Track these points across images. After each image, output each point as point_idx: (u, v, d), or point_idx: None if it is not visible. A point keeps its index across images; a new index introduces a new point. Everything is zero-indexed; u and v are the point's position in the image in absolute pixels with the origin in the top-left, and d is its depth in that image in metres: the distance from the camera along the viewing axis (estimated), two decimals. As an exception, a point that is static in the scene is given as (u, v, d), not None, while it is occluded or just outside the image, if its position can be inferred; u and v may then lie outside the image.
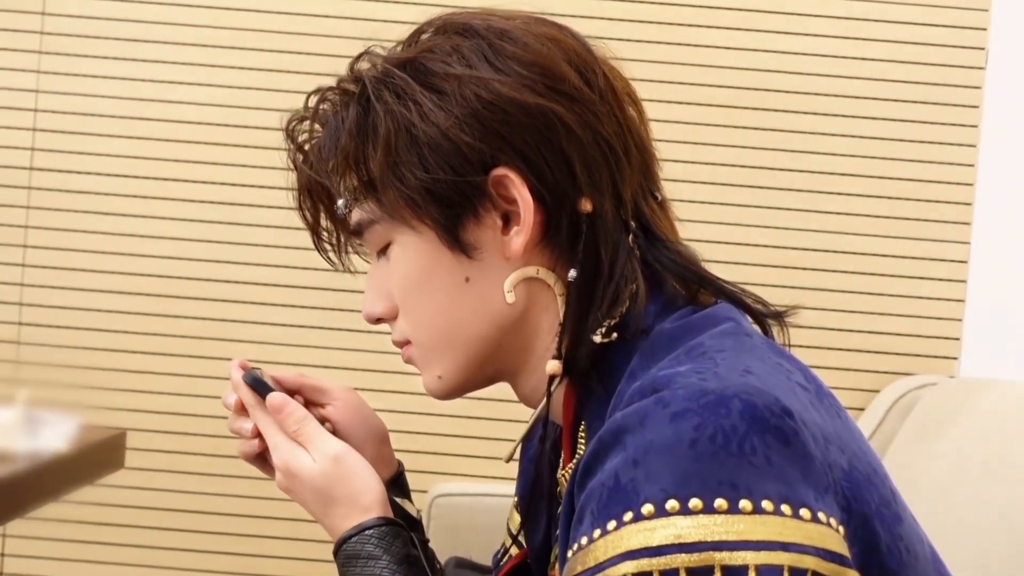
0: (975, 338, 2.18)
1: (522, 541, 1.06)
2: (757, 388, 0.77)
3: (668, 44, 2.20)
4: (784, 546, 0.73)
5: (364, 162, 0.91)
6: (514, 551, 1.07)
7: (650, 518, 0.73)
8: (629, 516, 0.74)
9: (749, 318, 0.92)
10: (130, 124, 2.20)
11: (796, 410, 0.77)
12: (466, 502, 2.06)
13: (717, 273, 0.93)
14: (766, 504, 0.73)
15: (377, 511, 0.98)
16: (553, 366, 0.90)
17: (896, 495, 0.85)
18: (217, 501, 2.20)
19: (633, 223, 0.90)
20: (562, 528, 0.87)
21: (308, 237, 1.00)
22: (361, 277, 1.01)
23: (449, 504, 2.05)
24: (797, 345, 0.93)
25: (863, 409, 2.08)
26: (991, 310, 2.18)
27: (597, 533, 0.75)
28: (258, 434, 1.03)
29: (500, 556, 1.10)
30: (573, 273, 0.89)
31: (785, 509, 0.73)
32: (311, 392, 1.08)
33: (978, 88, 2.20)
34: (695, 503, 0.73)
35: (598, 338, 0.88)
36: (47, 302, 2.20)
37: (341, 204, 0.94)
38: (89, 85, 2.21)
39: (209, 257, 2.20)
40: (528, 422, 0.97)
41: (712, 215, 2.19)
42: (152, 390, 2.19)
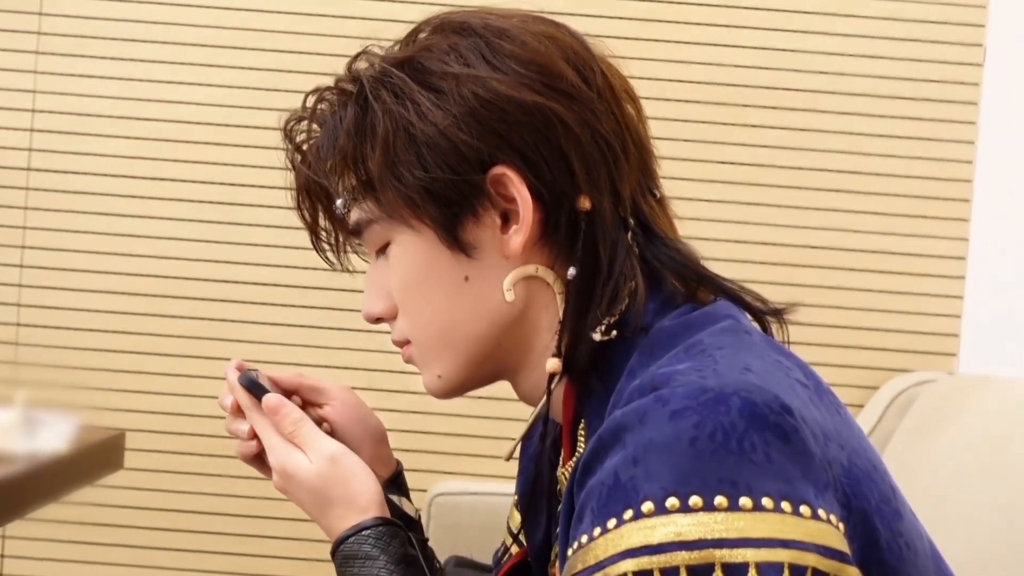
0: (974, 335, 2.18)
1: (522, 540, 1.06)
2: (756, 385, 0.77)
3: (666, 42, 2.20)
4: (784, 543, 0.73)
5: (362, 162, 0.90)
6: (514, 550, 1.07)
7: (650, 516, 0.73)
8: (629, 514, 0.74)
9: (748, 315, 0.92)
10: (128, 124, 2.20)
11: (795, 407, 0.77)
12: (466, 501, 2.06)
13: (716, 271, 0.93)
14: (766, 501, 0.73)
15: (374, 511, 0.97)
16: (553, 364, 0.90)
17: (896, 491, 0.85)
18: (216, 501, 2.19)
19: (632, 221, 0.90)
20: (562, 526, 0.87)
21: (306, 237, 1.00)
22: (359, 277, 1.01)
23: (449, 503, 2.05)
24: (796, 342, 0.93)
25: (862, 406, 2.08)
26: (990, 307, 2.18)
27: (597, 531, 0.75)
28: (255, 435, 1.03)
29: (500, 555, 1.10)
30: (572, 271, 0.89)
31: (785, 506, 0.73)
32: (308, 392, 1.08)
33: (976, 85, 2.20)
34: (695, 501, 0.73)
35: (597, 336, 0.87)
36: (45, 303, 2.20)
37: (339, 204, 0.94)
38: (86, 85, 2.20)
39: (207, 257, 2.20)
40: (528, 420, 0.97)
41: (711, 213, 2.19)
42: (151, 390, 2.19)
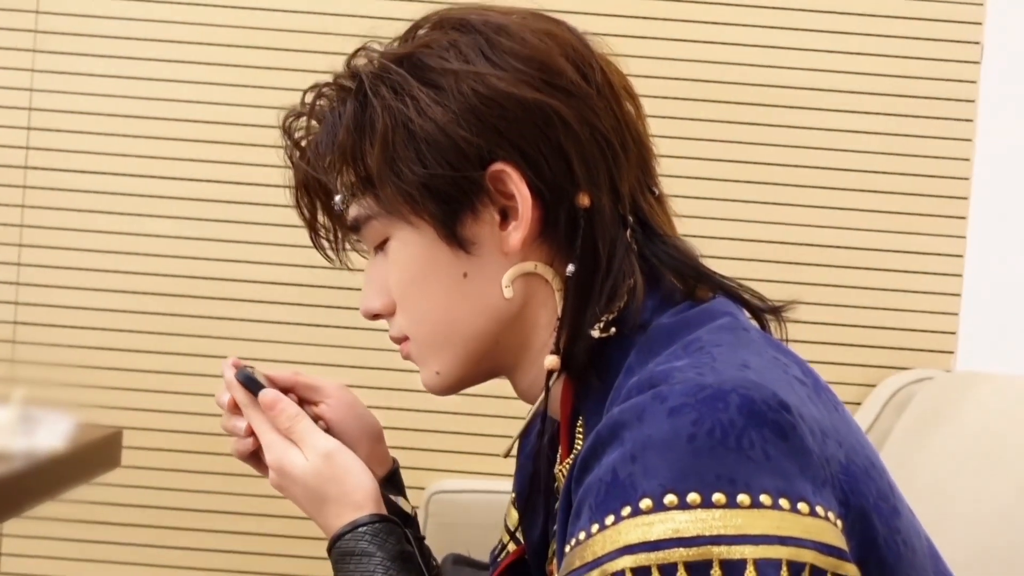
0: (971, 332, 2.18)
1: (520, 537, 1.06)
2: (754, 382, 0.77)
3: (666, 40, 2.19)
4: (782, 540, 0.73)
5: (361, 158, 0.90)
6: (512, 547, 1.07)
7: (648, 513, 0.73)
8: (627, 511, 0.74)
9: (746, 313, 0.92)
10: (125, 123, 2.20)
11: (793, 404, 0.77)
12: (464, 499, 2.06)
13: (715, 268, 0.93)
14: (764, 498, 0.73)
15: (370, 508, 0.97)
16: (551, 361, 0.90)
17: (894, 488, 0.85)
18: (214, 499, 2.19)
19: (631, 218, 0.90)
20: (560, 523, 0.87)
21: (304, 235, 1.00)
22: (357, 274, 1.01)
23: (447, 501, 2.05)
24: (794, 340, 0.93)
25: (860, 403, 2.08)
26: (987, 304, 2.18)
27: (595, 528, 0.75)
28: (251, 432, 1.03)
29: (498, 552, 1.10)
30: (571, 268, 0.89)
31: (783, 503, 0.73)
32: (304, 390, 1.08)
33: (973, 82, 2.20)
34: (693, 497, 0.73)
35: (596, 333, 0.87)
36: (43, 301, 2.20)
37: (338, 200, 0.94)
38: (84, 84, 2.20)
39: (205, 255, 2.20)
40: (526, 418, 0.97)
41: (709, 211, 2.19)
42: (148, 389, 2.19)
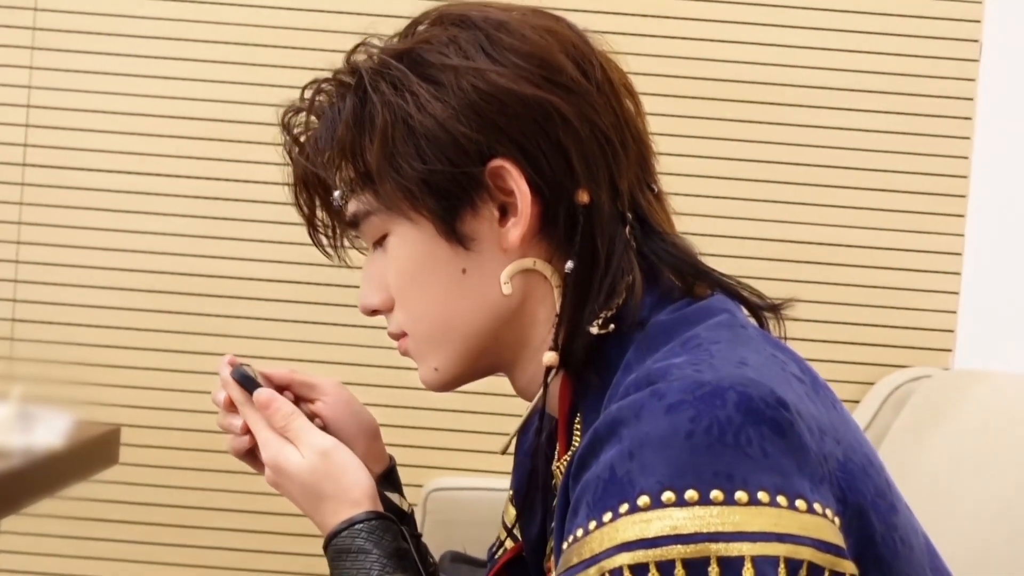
0: (970, 330, 2.18)
1: (517, 534, 1.06)
2: (752, 379, 0.77)
3: (665, 37, 2.19)
4: (780, 537, 0.73)
5: (361, 153, 0.90)
6: (509, 544, 1.07)
7: (646, 510, 0.73)
8: (625, 508, 0.74)
9: (745, 310, 0.92)
10: (123, 120, 2.20)
11: (791, 401, 0.77)
12: (461, 496, 2.06)
13: (713, 266, 0.93)
14: (762, 495, 0.73)
15: (366, 505, 0.97)
16: (549, 357, 0.90)
17: (891, 486, 0.85)
18: (211, 496, 2.19)
19: (630, 215, 0.90)
20: (557, 520, 0.87)
21: (302, 232, 1.00)
22: (354, 271, 1.01)
23: (444, 498, 2.05)
24: (792, 338, 0.93)
25: (858, 401, 2.08)
26: (985, 302, 2.18)
27: (593, 525, 0.75)
28: (248, 430, 1.03)
29: (495, 549, 1.10)
30: (570, 265, 0.89)
31: (781, 500, 0.73)
32: (301, 388, 1.08)
33: (972, 80, 2.20)
34: (691, 494, 0.73)
35: (594, 330, 0.87)
36: (41, 298, 2.20)
37: (337, 195, 0.93)
38: (82, 82, 2.20)
39: (203, 253, 2.20)
40: (524, 415, 0.97)
41: (708, 208, 2.19)
42: (146, 386, 2.19)
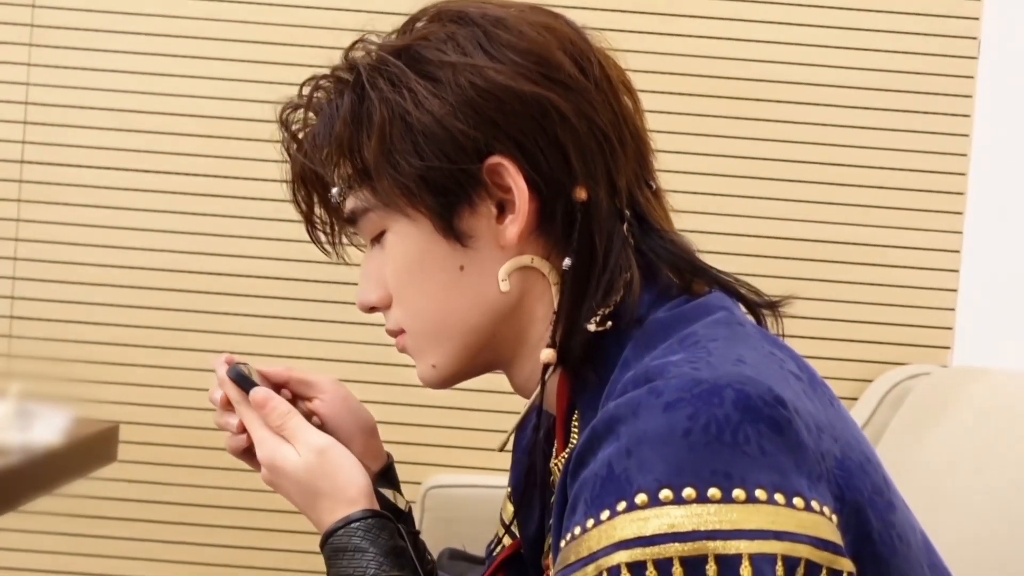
0: (968, 327, 2.18)
1: (515, 531, 1.06)
2: (750, 377, 0.77)
3: (664, 35, 2.19)
4: (777, 535, 0.73)
5: (358, 150, 0.90)
6: (507, 541, 1.07)
7: (644, 507, 0.73)
8: (622, 506, 0.74)
9: (743, 307, 0.92)
10: (121, 116, 2.20)
11: (789, 399, 0.77)
12: (460, 493, 2.06)
13: (711, 263, 0.93)
14: (759, 493, 0.73)
15: (363, 503, 0.97)
16: (547, 355, 0.89)
17: (889, 483, 0.85)
18: (209, 494, 2.19)
19: (628, 212, 0.90)
20: (555, 518, 0.87)
21: (299, 229, 1.00)
22: (352, 269, 1.01)
23: (443, 495, 2.05)
24: (790, 335, 0.93)
25: (856, 399, 2.08)
26: (984, 299, 2.18)
27: (590, 523, 0.75)
28: (244, 429, 1.03)
29: (493, 546, 1.10)
30: (568, 262, 0.89)
31: (778, 498, 0.73)
32: (298, 386, 1.08)
33: (970, 78, 2.20)
34: (689, 492, 0.73)
35: (592, 327, 0.87)
36: (39, 295, 2.19)
37: (335, 192, 0.93)
38: (80, 77, 2.20)
39: (200, 249, 2.20)
40: (521, 412, 0.97)
41: (706, 205, 2.19)
42: (144, 383, 2.19)
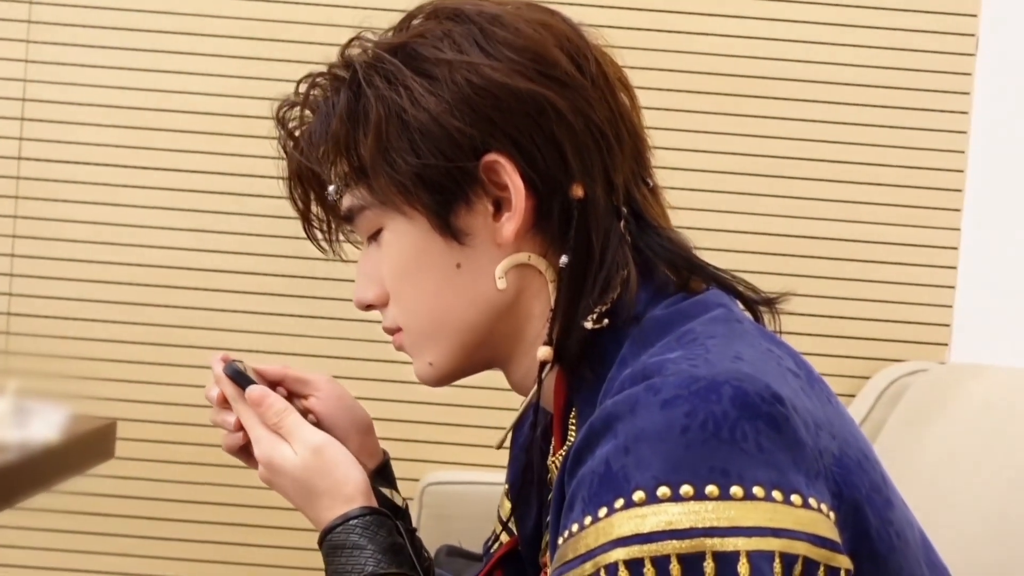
0: (965, 324, 2.18)
1: (513, 528, 1.06)
2: (748, 374, 0.77)
3: (660, 31, 2.19)
4: (775, 532, 0.73)
5: (355, 148, 0.90)
6: (505, 538, 1.07)
7: (641, 505, 0.73)
8: (620, 503, 0.74)
9: (740, 304, 0.92)
10: (119, 113, 2.19)
11: (787, 396, 0.77)
12: (457, 490, 2.06)
13: (708, 260, 0.93)
14: (757, 490, 0.73)
15: (360, 501, 0.97)
16: (544, 352, 0.89)
17: (887, 480, 0.85)
18: (207, 491, 2.19)
19: (624, 209, 0.90)
20: (552, 515, 0.87)
21: (296, 226, 1.00)
22: (349, 266, 1.01)
23: (440, 492, 2.05)
24: (788, 332, 0.93)
25: (854, 395, 2.08)
26: (981, 296, 2.18)
27: (588, 520, 0.75)
28: (240, 427, 1.02)
29: (491, 543, 1.10)
30: (564, 259, 0.89)
31: (776, 495, 0.73)
32: (294, 383, 1.08)
33: (968, 75, 2.20)
34: (686, 490, 0.73)
35: (589, 324, 0.87)
36: (37, 292, 2.19)
37: (332, 190, 0.93)
38: (78, 74, 2.19)
39: (198, 246, 2.20)
40: (519, 409, 0.97)
41: (703, 202, 2.19)
42: (142, 380, 2.19)
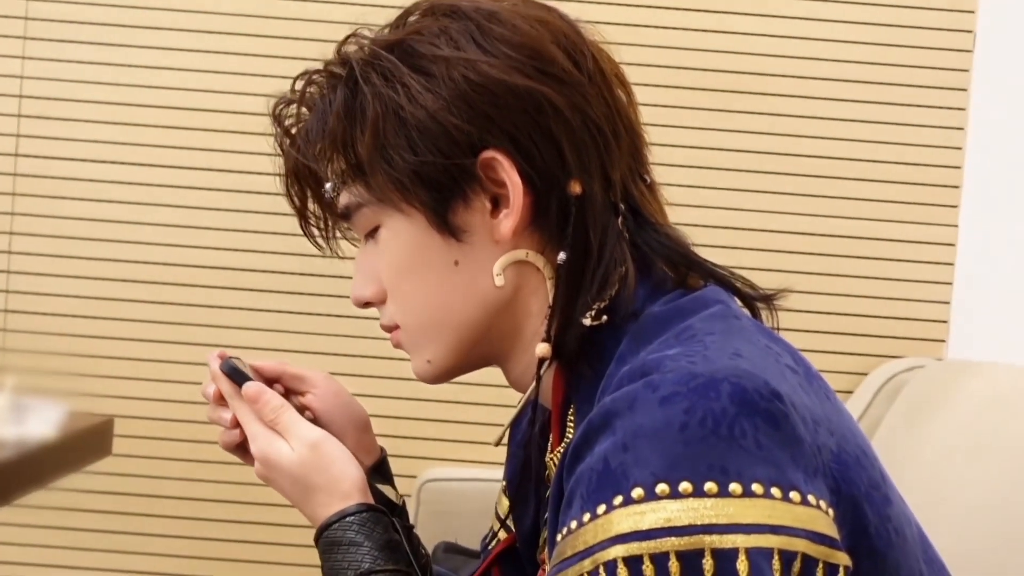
0: (963, 320, 2.18)
1: (510, 525, 1.06)
2: (746, 371, 0.77)
3: (657, 28, 2.19)
4: (774, 529, 0.73)
5: (352, 145, 0.90)
6: (502, 535, 1.07)
7: (640, 502, 0.73)
8: (619, 500, 0.74)
9: (738, 301, 0.92)
10: (116, 110, 2.19)
11: (785, 393, 0.77)
12: (455, 487, 2.06)
13: (706, 256, 0.93)
14: (756, 487, 0.73)
15: (357, 497, 0.97)
16: (543, 349, 0.89)
17: (885, 477, 0.85)
18: (204, 487, 2.19)
19: (622, 206, 0.90)
20: (551, 512, 0.87)
21: (294, 223, 0.99)
22: (347, 263, 1.00)
23: (438, 489, 2.05)
24: (786, 328, 0.92)
25: (851, 392, 2.08)
26: (979, 292, 2.19)
27: (587, 517, 0.75)
28: (237, 424, 1.02)
29: (488, 540, 1.10)
30: (562, 256, 0.88)
31: (775, 492, 0.73)
32: (291, 380, 1.08)
33: (966, 71, 2.20)
34: (685, 487, 0.73)
35: (587, 321, 0.87)
36: (33, 289, 2.19)
37: (329, 187, 0.93)
38: (74, 70, 2.19)
39: (195, 243, 2.19)
40: (517, 406, 0.97)
41: (701, 199, 2.19)
42: (139, 377, 2.19)
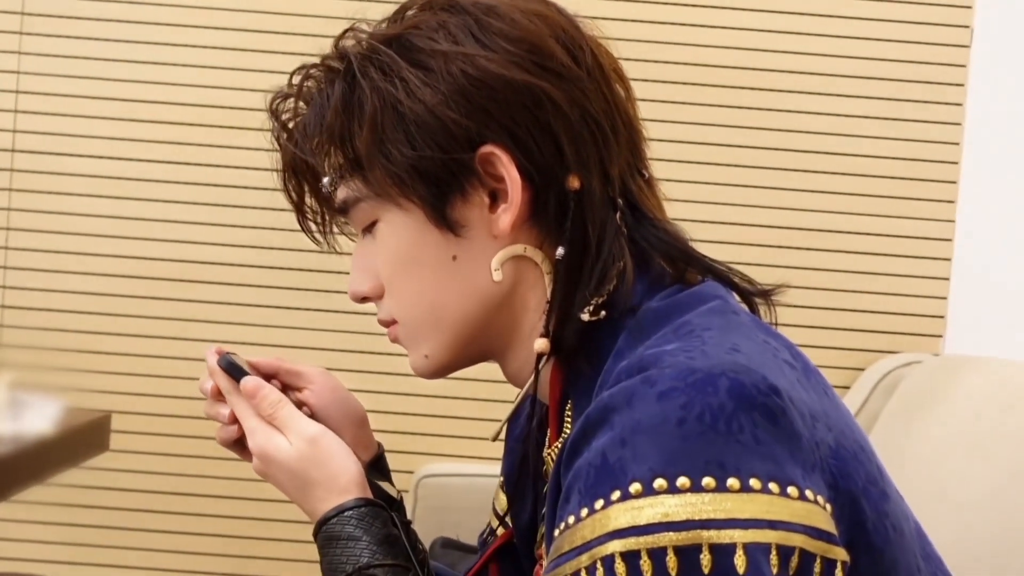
0: (960, 316, 2.19)
1: (508, 521, 1.06)
2: (744, 366, 0.77)
3: (655, 23, 2.19)
4: (772, 524, 0.73)
5: (350, 139, 0.90)
6: (500, 531, 1.07)
7: (637, 497, 0.73)
8: (616, 495, 0.74)
9: (736, 296, 0.92)
10: (113, 106, 2.19)
11: (783, 388, 0.77)
12: (452, 483, 2.06)
13: (704, 252, 0.93)
14: (754, 482, 0.73)
15: (355, 492, 0.97)
16: (540, 344, 0.89)
17: (882, 472, 0.85)
18: (202, 483, 2.19)
19: (620, 201, 0.90)
20: (548, 507, 0.87)
21: (290, 218, 0.99)
22: (344, 258, 1.00)
23: (435, 485, 2.05)
24: (783, 324, 0.93)
25: (848, 387, 2.08)
26: (976, 288, 2.19)
27: (584, 512, 0.75)
28: (235, 419, 1.02)
29: (486, 536, 1.10)
30: (560, 251, 0.88)
31: (773, 487, 0.73)
32: (288, 376, 1.08)
33: (963, 67, 2.20)
34: (683, 482, 0.73)
35: (585, 316, 0.87)
36: (31, 285, 2.19)
37: (326, 182, 0.93)
38: (71, 68, 2.19)
39: (192, 239, 2.19)
40: (515, 401, 0.97)
41: (699, 194, 2.19)
42: (137, 372, 2.19)
